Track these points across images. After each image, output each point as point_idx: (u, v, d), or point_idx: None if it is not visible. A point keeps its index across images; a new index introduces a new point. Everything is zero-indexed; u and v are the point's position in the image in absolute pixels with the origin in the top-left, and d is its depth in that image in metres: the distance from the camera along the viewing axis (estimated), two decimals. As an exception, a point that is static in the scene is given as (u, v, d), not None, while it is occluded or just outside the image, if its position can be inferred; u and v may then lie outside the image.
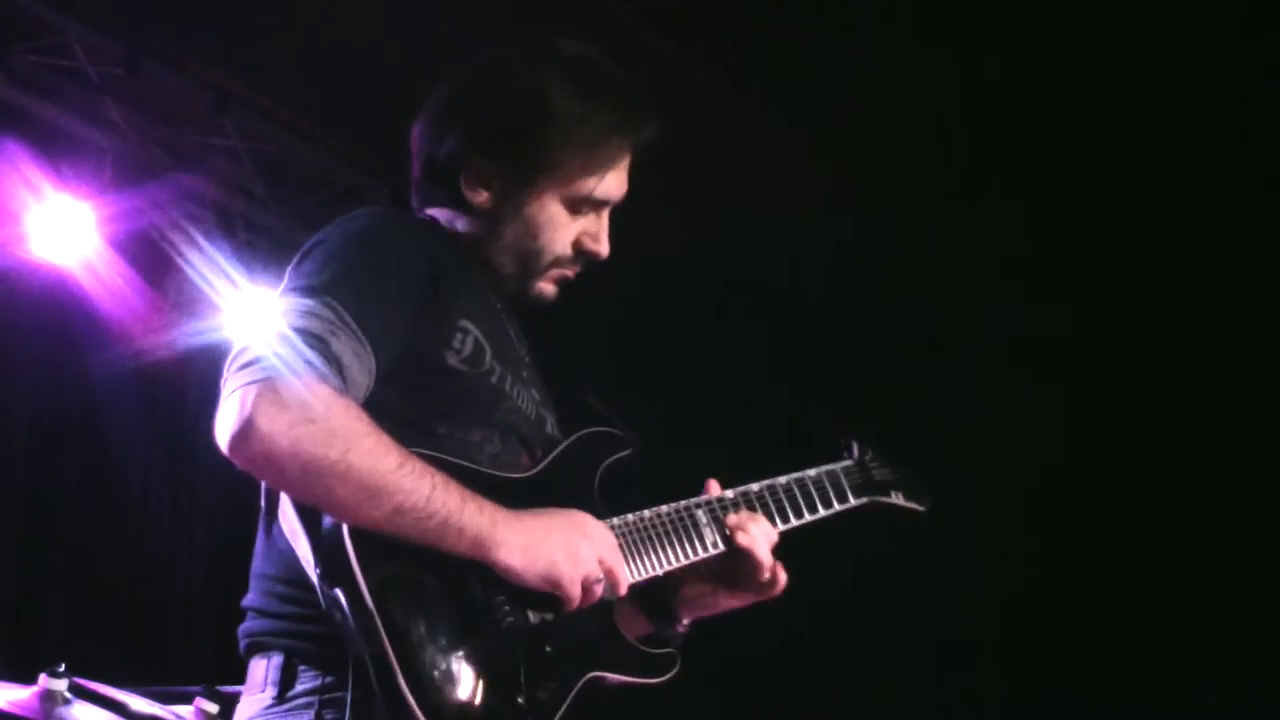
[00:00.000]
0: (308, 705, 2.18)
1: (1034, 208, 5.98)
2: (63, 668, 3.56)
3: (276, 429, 2.03)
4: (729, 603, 2.59)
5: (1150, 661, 6.06)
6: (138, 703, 3.64)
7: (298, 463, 2.04)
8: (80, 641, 5.62)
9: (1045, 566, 6.16)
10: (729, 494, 2.56)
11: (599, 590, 2.25)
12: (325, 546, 2.09)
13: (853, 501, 2.74)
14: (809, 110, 5.79)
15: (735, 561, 2.52)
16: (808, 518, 2.65)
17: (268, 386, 2.04)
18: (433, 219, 2.50)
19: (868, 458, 2.83)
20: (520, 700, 2.15)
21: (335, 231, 2.34)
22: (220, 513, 6.42)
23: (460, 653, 2.10)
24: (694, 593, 2.55)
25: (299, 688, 2.20)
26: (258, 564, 2.32)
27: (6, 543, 5.73)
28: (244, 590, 2.35)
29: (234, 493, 6.48)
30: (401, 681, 2.02)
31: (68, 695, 3.55)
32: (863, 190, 6.18)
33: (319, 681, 2.18)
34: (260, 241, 6.18)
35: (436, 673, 2.07)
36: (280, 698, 2.21)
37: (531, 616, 2.22)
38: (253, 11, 5.46)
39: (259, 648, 2.27)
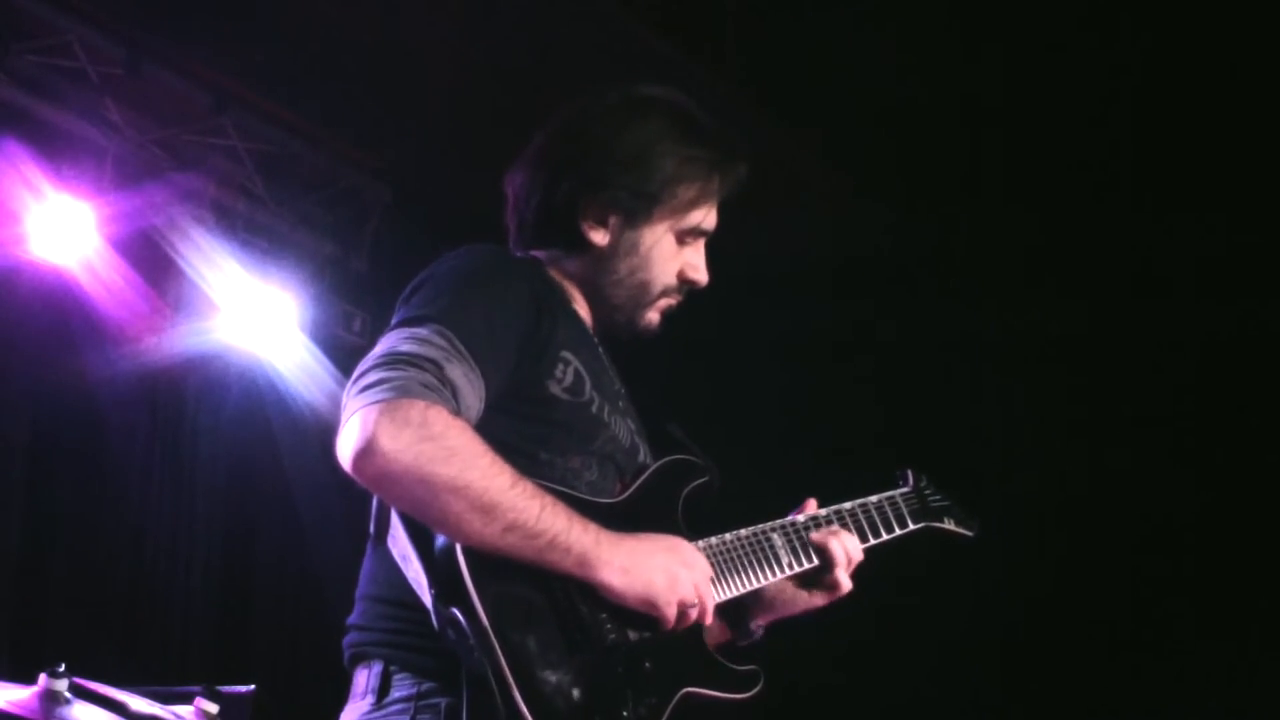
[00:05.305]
0: (403, 711, 2.30)
1: (1046, 211, 5.97)
2: (63, 668, 3.55)
3: (397, 446, 2.14)
4: (800, 608, 2.74)
5: (1182, 665, 6.00)
6: (138, 703, 3.64)
7: (417, 478, 2.16)
8: (80, 641, 5.62)
9: (1065, 572, 6.15)
10: (800, 519, 2.73)
11: (693, 615, 2.39)
12: (439, 568, 2.20)
13: (911, 527, 2.93)
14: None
15: (813, 573, 2.70)
16: (871, 542, 2.82)
17: (388, 407, 2.16)
18: (534, 258, 2.65)
19: (922, 485, 3.01)
20: (625, 714, 2.27)
21: (443, 266, 2.48)
22: (220, 513, 6.41)
23: (570, 668, 2.23)
24: (769, 596, 2.70)
25: (395, 694, 2.32)
26: (363, 586, 2.45)
27: (6, 543, 5.72)
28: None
29: (233, 493, 6.50)
30: (518, 696, 2.13)
31: (68, 695, 3.54)
32: (880, 191, 6.18)
33: (415, 689, 2.30)
34: (260, 241, 6.18)
35: (550, 688, 2.19)
36: (378, 704, 2.33)
37: (632, 634, 2.34)
38: (253, 12, 5.46)
39: (361, 658, 2.40)
